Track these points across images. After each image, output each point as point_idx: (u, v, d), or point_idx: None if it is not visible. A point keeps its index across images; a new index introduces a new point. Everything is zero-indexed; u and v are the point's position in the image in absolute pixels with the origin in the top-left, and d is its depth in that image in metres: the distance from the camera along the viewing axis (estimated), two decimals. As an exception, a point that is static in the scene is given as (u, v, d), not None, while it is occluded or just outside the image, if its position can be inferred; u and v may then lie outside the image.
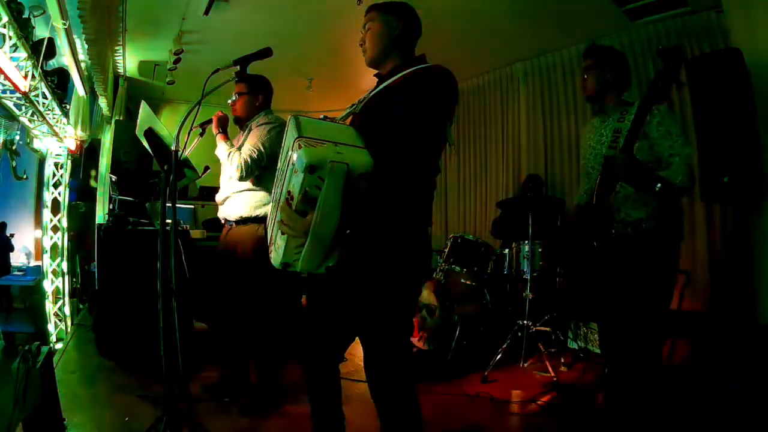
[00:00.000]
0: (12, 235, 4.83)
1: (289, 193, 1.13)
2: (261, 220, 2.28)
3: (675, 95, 3.38)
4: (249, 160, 2.19)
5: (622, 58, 1.91)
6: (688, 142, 1.71)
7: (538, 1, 3.52)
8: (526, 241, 3.17)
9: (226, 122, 2.36)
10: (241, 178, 2.22)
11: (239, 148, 2.25)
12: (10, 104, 2.86)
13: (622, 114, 1.77)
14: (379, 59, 1.42)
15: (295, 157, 1.09)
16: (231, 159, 2.21)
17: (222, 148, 2.26)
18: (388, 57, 1.41)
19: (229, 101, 2.38)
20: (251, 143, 2.24)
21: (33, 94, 2.75)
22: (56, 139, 3.80)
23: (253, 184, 2.29)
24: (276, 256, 1.22)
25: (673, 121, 1.71)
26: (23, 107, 2.97)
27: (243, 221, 2.30)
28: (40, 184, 4.63)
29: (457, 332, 3.11)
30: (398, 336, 1.36)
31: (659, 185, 1.57)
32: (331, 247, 1.14)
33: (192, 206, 5.73)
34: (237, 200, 2.32)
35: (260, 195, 2.29)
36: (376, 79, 1.44)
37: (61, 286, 4.03)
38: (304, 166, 1.05)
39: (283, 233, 1.16)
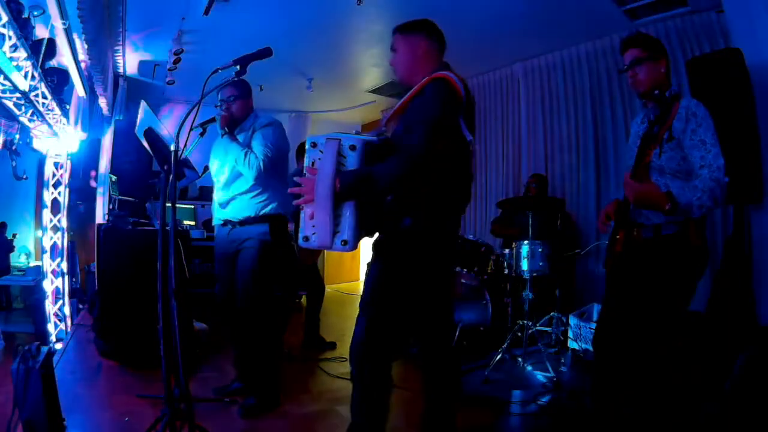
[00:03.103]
0: (15, 236, 4.83)
1: (304, 174, 1.45)
2: (266, 219, 2.30)
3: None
4: (266, 159, 2.23)
5: (666, 51, 1.77)
6: (721, 152, 1.56)
7: (538, 1, 3.52)
8: (526, 241, 3.17)
9: (231, 121, 2.36)
10: (256, 178, 2.25)
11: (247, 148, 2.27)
12: (10, 104, 2.86)
13: (656, 116, 1.56)
14: None
15: (308, 144, 1.46)
16: (247, 160, 2.22)
17: (236, 149, 2.26)
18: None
19: (222, 105, 2.34)
20: (262, 144, 2.27)
21: (33, 94, 2.75)
22: (56, 139, 3.80)
23: (257, 184, 2.30)
24: (300, 233, 1.46)
25: (708, 129, 1.57)
26: (23, 107, 2.97)
27: (249, 221, 2.31)
28: (40, 184, 4.63)
29: (457, 332, 3.12)
30: (376, 323, 1.55)
31: (669, 205, 1.50)
32: (337, 214, 1.40)
33: (192, 206, 5.75)
34: (243, 201, 2.33)
35: (264, 195, 2.32)
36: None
37: (61, 286, 4.02)
38: (309, 142, 1.44)
39: (300, 208, 1.45)
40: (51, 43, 2.67)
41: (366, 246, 1.67)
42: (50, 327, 3.88)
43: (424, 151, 1.38)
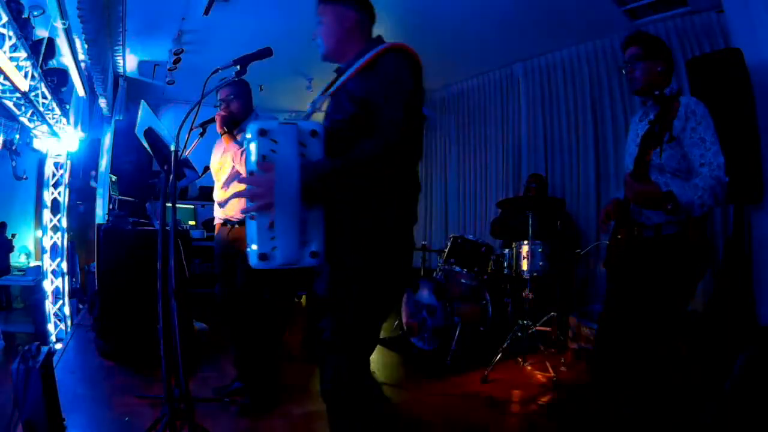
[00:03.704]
0: (14, 236, 4.83)
1: (250, 173, 1.14)
2: None
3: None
4: None
5: (669, 50, 1.78)
6: (721, 150, 1.55)
7: (538, 1, 3.52)
8: (526, 241, 3.17)
9: (231, 121, 2.36)
10: None
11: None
12: (10, 104, 2.86)
13: (656, 115, 1.51)
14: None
15: (248, 134, 1.15)
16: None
17: (234, 148, 2.26)
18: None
19: (221, 105, 2.34)
20: None
21: (33, 94, 2.75)
22: (56, 139, 3.80)
23: None
24: (251, 251, 1.15)
25: (708, 127, 1.57)
26: (23, 107, 2.97)
27: None
28: (40, 184, 4.63)
29: (457, 332, 3.12)
30: (360, 346, 1.29)
31: (670, 205, 1.49)
32: (304, 219, 1.14)
33: (192, 206, 5.75)
34: (243, 201, 2.33)
35: None
36: None
37: (61, 286, 4.03)
38: (256, 131, 1.11)
39: (251, 217, 1.15)
40: (51, 43, 2.67)
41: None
42: (50, 327, 3.88)
43: (404, 132, 1.16)
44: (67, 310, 4.06)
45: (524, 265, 3.18)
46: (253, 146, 1.13)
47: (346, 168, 1.13)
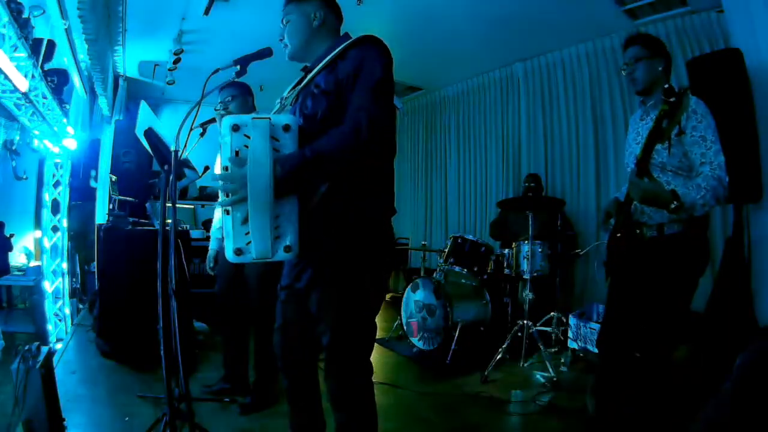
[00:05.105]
0: (12, 236, 4.83)
1: (224, 168, 1.16)
2: None
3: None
4: None
5: (668, 51, 1.80)
6: (722, 149, 1.56)
7: (538, 1, 3.52)
8: (526, 241, 3.17)
9: None
10: None
11: None
12: (10, 104, 2.86)
13: (660, 113, 1.49)
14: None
15: (222, 129, 1.17)
16: None
17: None
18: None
19: (220, 107, 2.35)
20: None
21: (33, 94, 2.75)
22: (56, 139, 3.80)
23: None
24: (227, 245, 1.17)
25: (709, 126, 1.58)
26: (23, 107, 2.97)
27: None
28: (40, 184, 4.63)
29: (457, 332, 3.12)
30: (358, 342, 1.29)
31: (674, 204, 1.49)
32: (277, 213, 1.14)
33: (192, 206, 5.75)
34: None
35: None
36: None
37: (61, 286, 4.02)
38: (229, 126, 1.13)
39: (226, 212, 1.16)
40: (51, 44, 2.67)
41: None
42: (50, 327, 3.88)
43: (373, 120, 1.13)
44: (67, 310, 4.06)
45: (524, 265, 3.18)
46: (226, 141, 1.14)
47: (316, 157, 1.12)
